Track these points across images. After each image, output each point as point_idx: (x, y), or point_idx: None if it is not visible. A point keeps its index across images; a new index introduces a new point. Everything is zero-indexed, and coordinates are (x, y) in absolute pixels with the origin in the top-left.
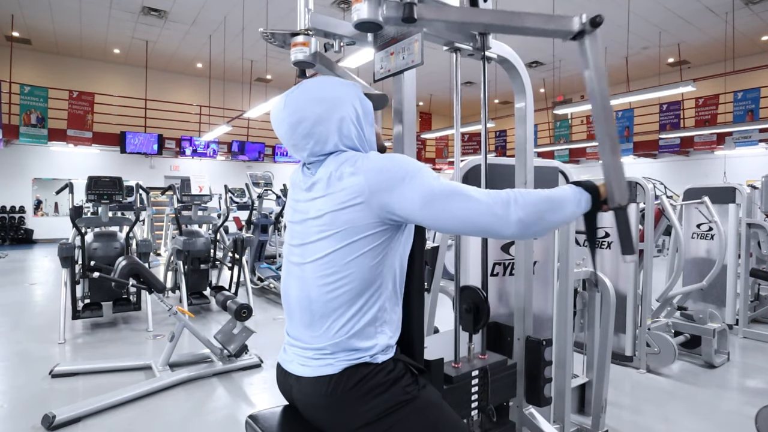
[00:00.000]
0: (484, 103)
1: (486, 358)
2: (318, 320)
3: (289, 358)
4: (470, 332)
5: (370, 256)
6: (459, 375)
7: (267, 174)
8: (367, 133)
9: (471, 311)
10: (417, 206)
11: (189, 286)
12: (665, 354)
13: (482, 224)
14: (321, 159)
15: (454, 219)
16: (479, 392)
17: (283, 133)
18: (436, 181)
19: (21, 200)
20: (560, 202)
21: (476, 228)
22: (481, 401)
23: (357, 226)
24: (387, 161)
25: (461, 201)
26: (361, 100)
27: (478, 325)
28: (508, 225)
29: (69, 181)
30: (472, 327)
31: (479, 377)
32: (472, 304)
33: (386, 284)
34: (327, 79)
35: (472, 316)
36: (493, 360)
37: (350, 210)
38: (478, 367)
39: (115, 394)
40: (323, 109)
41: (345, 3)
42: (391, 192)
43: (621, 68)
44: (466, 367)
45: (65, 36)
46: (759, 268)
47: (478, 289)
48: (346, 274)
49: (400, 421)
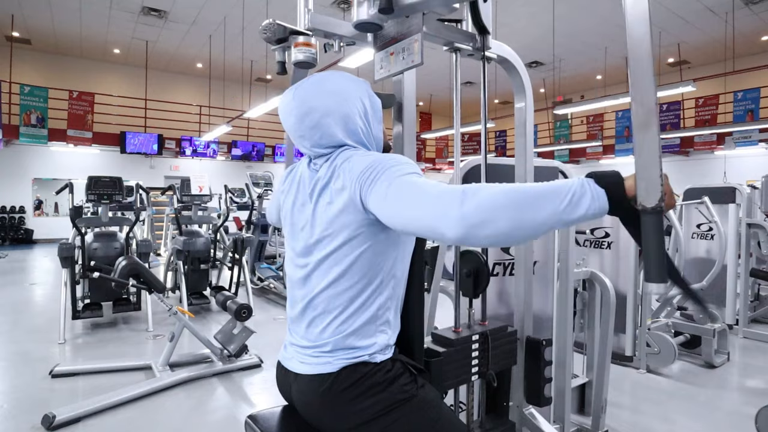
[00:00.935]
0: (484, 103)
1: (486, 324)
2: (318, 318)
3: (289, 355)
4: (470, 297)
5: (369, 255)
6: (459, 338)
7: (267, 174)
8: (375, 129)
9: (471, 275)
10: (379, 199)
11: (189, 286)
12: (665, 354)
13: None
14: (326, 154)
15: (401, 215)
16: (480, 357)
17: (290, 124)
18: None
19: (21, 200)
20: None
21: (419, 225)
22: (482, 367)
23: (352, 225)
24: (374, 158)
25: (412, 193)
26: (370, 96)
27: (478, 289)
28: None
29: (69, 181)
30: (472, 291)
31: (480, 342)
32: (472, 269)
33: (387, 283)
34: (337, 73)
35: (472, 281)
36: (494, 326)
37: (344, 208)
38: (479, 332)
39: (115, 394)
40: (332, 101)
41: (345, 3)
42: (369, 189)
43: (621, 68)
44: (466, 332)
45: (65, 36)
46: (759, 268)
47: (478, 253)
48: (347, 273)
49: (398, 420)
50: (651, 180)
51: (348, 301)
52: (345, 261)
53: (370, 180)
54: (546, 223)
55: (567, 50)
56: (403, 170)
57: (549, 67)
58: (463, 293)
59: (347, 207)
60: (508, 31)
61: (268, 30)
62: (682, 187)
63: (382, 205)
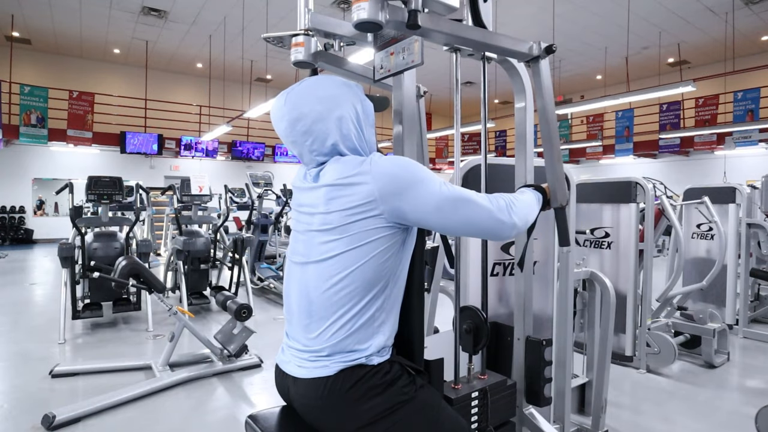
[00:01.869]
0: (484, 103)
1: (486, 378)
2: (316, 322)
3: (286, 359)
4: (470, 353)
5: (375, 260)
6: (459, 397)
7: (267, 174)
8: (367, 134)
9: (471, 332)
10: (429, 211)
11: (189, 286)
12: (665, 354)
13: (486, 228)
14: (322, 161)
15: (462, 223)
16: (479, 413)
17: (282, 129)
18: (444, 186)
19: (21, 200)
20: (532, 204)
21: (480, 231)
22: (481, 422)
23: (366, 231)
24: (396, 166)
25: (469, 207)
26: (362, 100)
27: (478, 346)
28: (509, 229)
29: (69, 181)
30: (471, 348)
31: (479, 398)
32: (472, 325)
33: (389, 286)
34: (328, 78)
35: (471, 337)
36: (493, 380)
37: (360, 215)
38: (478, 388)
39: (115, 394)
40: (323, 107)
41: (345, 3)
42: (401, 197)
43: (621, 68)
44: (465, 388)
45: (65, 36)
46: (759, 268)
47: (477, 310)
48: (350, 277)
49: (398, 422)
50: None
51: (347, 305)
52: (350, 265)
53: (404, 189)
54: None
55: (567, 50)
56: (435, 180)
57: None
58: (463, 349)
59: (358, 211)
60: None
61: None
62: (682, 187)
63: (436, 216)
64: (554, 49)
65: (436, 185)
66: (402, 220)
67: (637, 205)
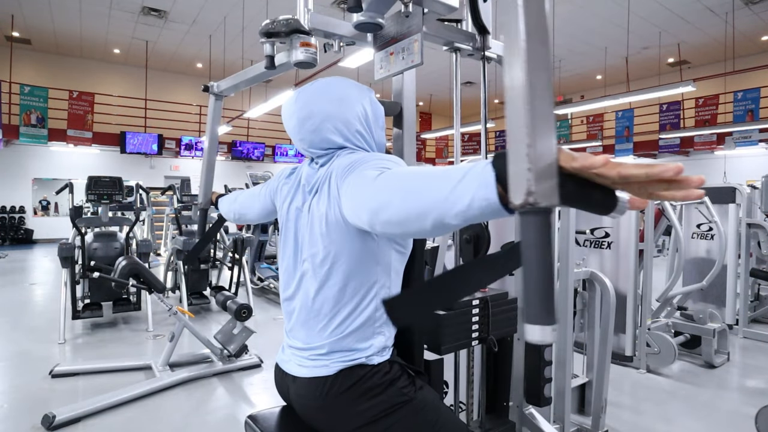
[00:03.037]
0: (484, 103)
1: (486, 291)
2: (314, 319)
3: (286, 358)
4: None
5: (368, 257)
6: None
7: (267, 174)
8: (376, 135)
9: (471, 241)
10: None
11: (189, 286)
12: (665, 354)
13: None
14: (328, 154)
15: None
16: (480, 322)
17: (291, 126)
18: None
19: (21, 200)
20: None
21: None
22: (482, 332)
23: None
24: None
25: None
26: (372, 102)
27: (479, 254)
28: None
29: (69, 181)
30: (472, 257)
31: (480, 307)
32: (472, 234)
33: (385, 284)
34: (340, 80)
35: (472, 246)
36: (494, 293)
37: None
38: (479, 297)
39: (115, 394)
40: (333, 107)
41: (345, 3)
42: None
43: (621, 68)
44: None
45: (65, 36)
46: (759, 268)
47: None
48: (346, 275)
49: (397, 422)
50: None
51: (346, 303)
52: (340, 263)
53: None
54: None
55: (567, 50)
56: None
57: None
58: (463, 259)
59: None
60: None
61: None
62: None
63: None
64: None
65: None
66: None
67: None
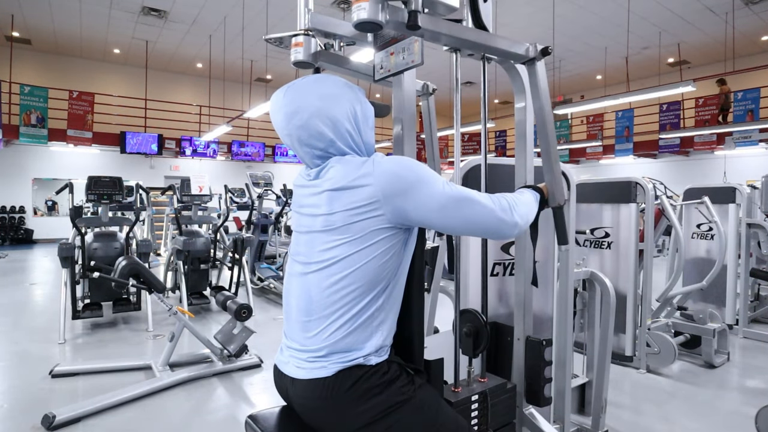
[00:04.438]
0: (484, 103)
1: (486, 381)
2: (315, 321)
3: (285, 359)
4: (470, 356)
5: (377, 260)
6: (459, 400)
7: (267, 174)
8: (365, 135)
9: (471, 335)
10: (433, 211)
11: (189, 286)
12: (665, 354)
13: (489, 227)
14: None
15: (465, 223)
16: (479, 416)
17: (278, 121)
18: (447, 186)
19: (21, 200)
20: (532, 203)
21: (483, 230)
22: (481, 425)
23: (369, 232)
24: (398, 166)
25: (472, 206)
26: (362, 102)
27: (478, 349)
28: (511, 228)
29: (69, 181)
30: (471, 351)
31: (479, 401)
32: (472, 328)
33: (389, 286)
34: (331, 77)
35: (471, 340)
36: (493, 383)
37: (363, 216)
38: (478, 391)
39: (115, 394)
40: (322, 103)
41: (345, 3)
42: (404, 197)
43: (621, 68)
44: (465, 391)
45: (65, 36)
46: (759, 268)
47: (477, 313)
48: (351, 277)
49: (397, 421)
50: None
51: (347, 305)
52: (352, 265)
53: (407, 189)
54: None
55: (567, 50)
56: (438, 180)
57: (549, 67)
58: (463, 352)
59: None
60: (508, 31)
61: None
62: (682, 187)
63: (439, 216)
64: (550, 51)
65: (438, 185)
66: (404, 220)
67: (637, 205)
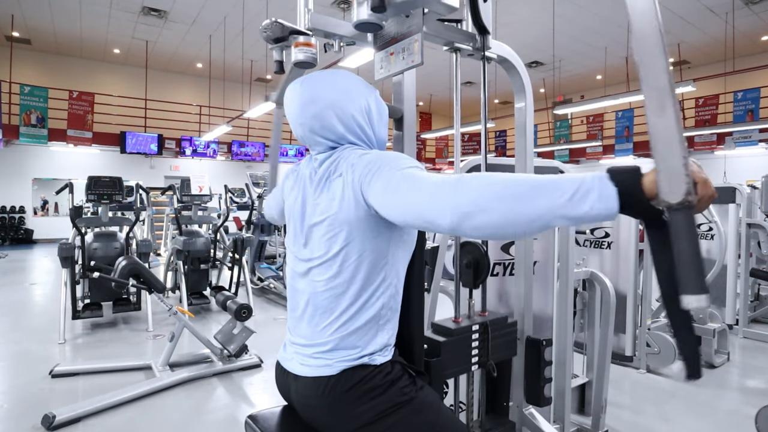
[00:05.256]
0: (484, 103)
1: (486, 315)
2: (319, 317)
3: (288, 356)
4: (470, 288)
5: (372, 253)
6: (459, 328)
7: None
8: (378, 130)
9: (471, 266)
10: (379, 192)
11: (189, 286)
12: (665, 354)
13: (418, 210)
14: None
15: (397, 205)
16: (479, 347)
17: (293, 110)
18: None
19: (21, 200)
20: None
21: (414, 215)
22: (482, 356)
23: (354, 224)
24: (375, 155)
25: (409, 184)
26: (377, 99)
27: (479, 280)
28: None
29: (69, 181)
30: (472, 282)
31: (479, 332)
32: (472, 259)
33: (390, 282)
34: (349, 73)
35: (472, 271)
36: (494, 317)
37: (344, 207)
38: (478, 322)
39: (115, 394)
40: (338, 95)
41: (345, 3)
42: (369, 183)
43: (621, 68)
44: (466, 322)
45: (65, 36)
46: (759, 268)
47: (478, 244)
48: (350, 271)
49: (397, 422)
50: (672, 171)
51: (350, 300)
52: (349, 259)
53: (371, 174)
54: (541, 217)
55: (567, 50)
56: (404, 164)
57: (549, 67)
58: (463, 284)
59: (349, 203)
60: (508, 31)
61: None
62: None
63: (381, 197)
64: None
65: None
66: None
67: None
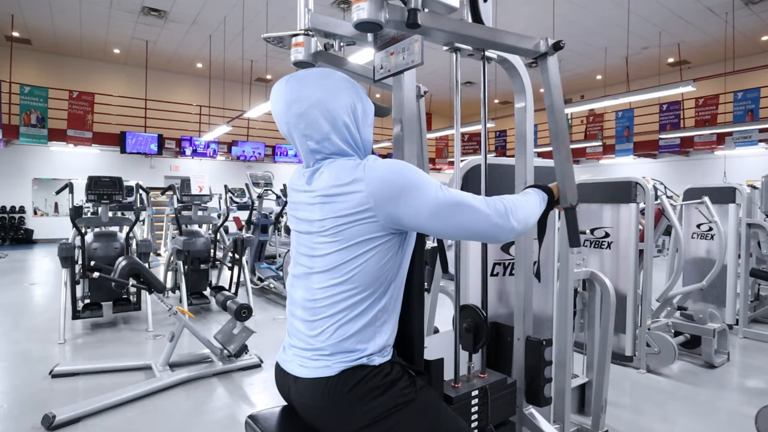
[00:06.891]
0: (484, 103)
1: (486, 377)
2: (319, 321)
3: (288, 358)
4: (470, 351)
5: (375, 263)
6: (459, 396)
7: (267, 174)
8: (363, 131)
9: (471, 330)
10: (425, 217)
11: (189, 286)
12: (665, 354)
13: (484, 232)
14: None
15: (459, 228)
16: (479, 412)
17: (278, 109)
18: (440, 191)
19: (21, 200)
20: (535, 206)
21: (478, 235)
22: (481, 420)
23: (363, 237)
24: (390, 172)
25: (466, 212)
26: (363, 99)
27: (478, 344)
28: (507, 233)
29: (69, 181)
30: (471, 346)
31: (479, 397)
32: (472, 324)
33: (389, 287)
34: (335, 72)
35: (471, 336)
36: (493, 379)
37: (355, 221)
38: (478, 386)
39: (115, 394)
40: (323, 94)
41: (345, 3)
42: (397, 203)
43: (621, 68)
44: (465, 387)
45: (65, 36)
46: (759, 268)
47: (477, 309)
48: (351, 280)
49: (398, 422)
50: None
51: (350, 305)
52: (350, 266)
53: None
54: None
55: (567, 50)
56: (431, 185)
57: None
58: (463, 347)
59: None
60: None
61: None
62: (682, 187)
63: (429, 222)
64: (562, 46)
65: (431, 190)
66: (398, 225)
67: (637, 205)
